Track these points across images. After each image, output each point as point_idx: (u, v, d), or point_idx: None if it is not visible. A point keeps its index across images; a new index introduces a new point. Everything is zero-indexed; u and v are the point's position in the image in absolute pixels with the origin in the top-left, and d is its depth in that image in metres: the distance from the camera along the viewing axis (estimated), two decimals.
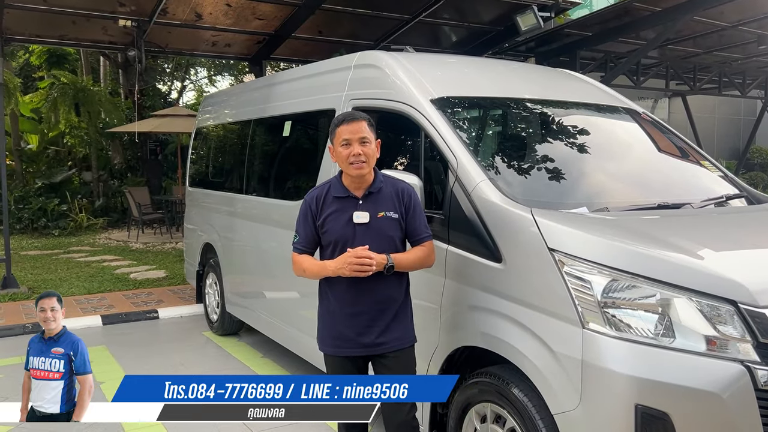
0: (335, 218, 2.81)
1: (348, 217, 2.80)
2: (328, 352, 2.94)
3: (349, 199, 2.83)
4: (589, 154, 3.68)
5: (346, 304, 2.83)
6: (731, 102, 20.45)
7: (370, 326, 2.81)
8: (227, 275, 6.05)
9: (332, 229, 2.81)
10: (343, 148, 2.78)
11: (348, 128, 2.78)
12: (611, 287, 2.52)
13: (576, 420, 2.50)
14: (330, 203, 2.84)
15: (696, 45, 11.64)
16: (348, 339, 2.85)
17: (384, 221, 2.80)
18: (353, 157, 2.75)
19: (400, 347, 2.87)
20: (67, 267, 9.64)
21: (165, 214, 13.35)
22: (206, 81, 24.08)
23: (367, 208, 2.81)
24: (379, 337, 2.82)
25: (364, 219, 2.79)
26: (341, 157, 2.80)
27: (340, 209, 2.82)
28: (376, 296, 2.80)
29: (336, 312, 2.86)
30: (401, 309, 2.89)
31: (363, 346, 2.84)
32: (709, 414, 2.34)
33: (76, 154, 16.16)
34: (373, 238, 2.76)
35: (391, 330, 2.84)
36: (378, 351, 2.85)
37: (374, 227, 2.79)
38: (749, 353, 2.39)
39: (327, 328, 2.93)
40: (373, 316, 2.80)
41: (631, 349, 2.43)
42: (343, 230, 2.80)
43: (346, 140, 2.77)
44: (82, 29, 9.23)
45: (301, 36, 9.90)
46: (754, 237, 3.04)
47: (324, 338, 2.95)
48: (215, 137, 6.95)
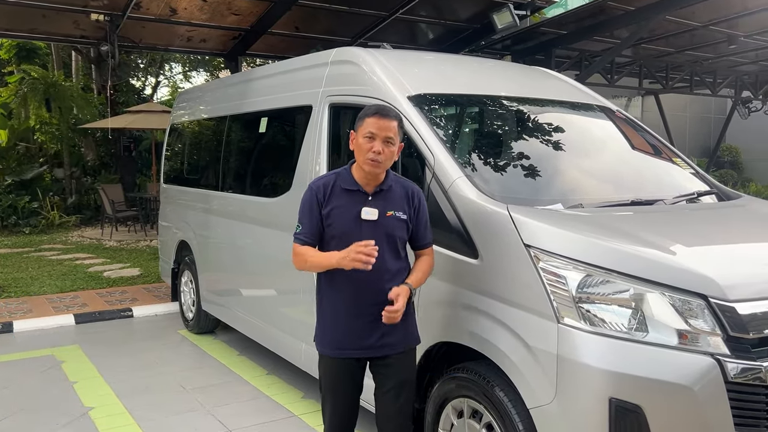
0: (342, 212, 2.69)
1: (356, 212, 2.67)
2: (327, 354, 2.80)
3: (358, 194, 2.70)
4: (565, 152, 3.72)
5: (349, 304, 2.71)
6: (703, 101, 20.82)
7: (372, 327, 2.70)
8: (203, 273, 5.99)
9: (338, 223, 2.69)
10: (365, 141, 2.64)
11: (377, 122, 2.64)
12: (586, 282, 2.55)
13: (551, 414, 2.53)
14: (338, 194, 2.70)
15: (668, 44, 11.83)
16: (349, 340, 2.73)
17: (392, 220, 2.70)
18: (373, 153, 2.61)
19: (402, 349, 2.78)
20: (39, 265, 9.47)
21: (139, 212, 13.19)
22: (181, 77, 23.83)
23: (376, 205, 2.69)
24: (382, 339, 2.72)
25: (372, 216, 2.67)
26: (361, 149, 2.65)
27: (348, 203, 2.69)
28: (379, 296, 2.67)
29: (338, 312, 2.75)
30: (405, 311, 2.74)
31: (365, 348, 2.73)
32: (680, 406, 2.39)
33: (47, 150, 15.86)
34: (379, 237, 2.64)
35: (395, 331, 2.73)
36: (380, 353, 2.74)
37: (381, 225, 2.68)
38: (719, 346, 2.43)
39: (327, 329, 2.80)
40: (376, 316, 2.66)
41: (605, 343, 2.46)
42: (349, 225, 2.68)
43: (371, 133, 2.63)
44: (53, 23, 9.06)
45: (278, 32, 9.84)
46: (724, 233, 3.10)
47: (323, 339, 2.82)
48: (190, 133, 6.87)
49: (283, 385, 4.87)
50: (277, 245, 4.52)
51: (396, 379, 2.77)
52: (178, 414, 4.36)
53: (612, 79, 12.46)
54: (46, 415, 4.34)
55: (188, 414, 4.36)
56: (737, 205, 3.66)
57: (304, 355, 4.26)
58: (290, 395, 4.68)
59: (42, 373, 5.17)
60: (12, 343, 6.04)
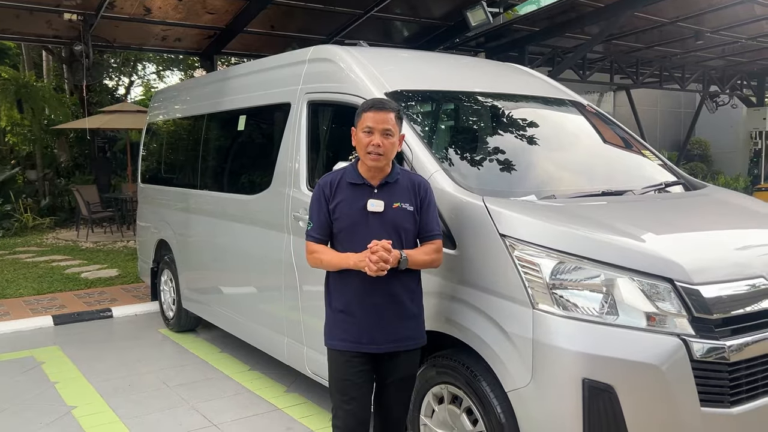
0: (348, 204, 2.70)
1: (362, 204, 2.69)
2: (336, 347, 2.77)
3: (364, 187, 2.71)
4: (538, 145, 3.84)
5: (359, 299, 2.70)
6: (673, 96, 21.24)
7: (383, 323, 2.70)
8: (183, 272, 6.01)
9: (344, 216, 2.70)
10: (365, 135, 2.67)
11: (374, 116, 2.67)
12: (558, 269, 2.66)
13: (528, 396, 2.64)
14: (344, 189, 2.72)
15: (638, 40, 12.08)
16: (359, 335, 2.71)
17: (399, 212, 2.70)
18: (372, 146, 2.65)
19: (414, 346, 2.80)
20: (14, 268, 9.36)
21: (115, 213, 13.08)
22: (155, 76, 23.62)
23: (382, 197, 2.70)
24: (392, 335, 2.72)
25: (378, 208, 2.68)
26: (361, 144, 2.69)
27: (354, 196, 2.71)
28: (390, 290, 2.68)
29: (348, 308, 2.73)
30: (415, 305, 2.79)
31: (375, 343, 2.72)
32: (649, 385, 2.51)
33: (19, 152, 15.64)
34: (386, 229, 2.66)
35: (405, 327, 2.75)
36: (391, 348, 2.73)
37: (388, 217, 2.69)
38: (685, 327, 2.56)
39: (337, 324, 2.77)
40: (387, 312, 2.69)
41: (578, 327, 2.57)
42: (355, 217, 2.69)
43: (369, 128, 2.66)
44: (25, 23, 8.98)
45: (253, 30, 9.87)
46: (689, 220, 3.24)
47: (333, 333, 2.79)
48: (167, 132, 6.87)
49: (265, 380, 4.93)
50: (257, 242, 4.58)
51: (401, 373, 2.80)
52: (161, 410, 4.39)
53: (584, 75, 12.69)
54: (29, 414, 4.34)
55: (172, 410, 4.40)
56: (702, 195, 3.81)
57: (287, 350, 4.32)
58: (273, 390, 4.73)
59: (22, 374, 5.16)
60: None
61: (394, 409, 2.88)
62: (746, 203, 3.77)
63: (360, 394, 2.75)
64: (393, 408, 2.88)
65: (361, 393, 2.76)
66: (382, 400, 2.86)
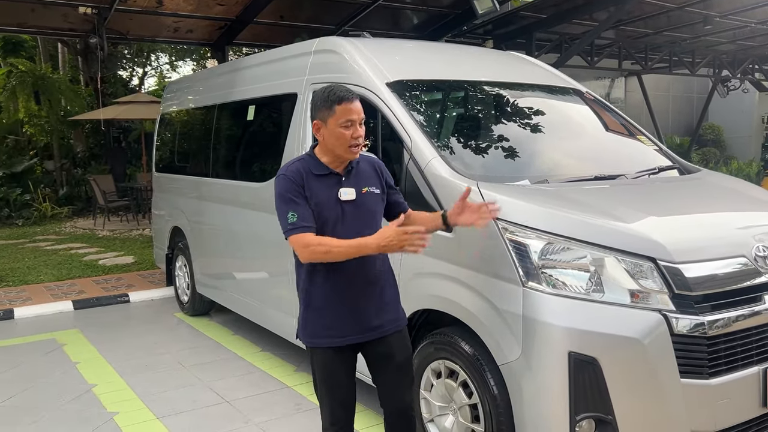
0: (321, 197, 2.57)
1: (333, 194, 2.59)
2: (321, 345, 2.65)
3: (331, 176, 2.62)
4: (535, 131, 3.97)
5: (343, 288, 2.61)
6: (685, 80, 21.09)
7: (369, 308, 2.65)
8: (197, 257, 6.22)
9: (320, 207, 2.57)
10: (345, 129, 2.54)
11: (351, 107, 2.55)
12: (547, 250, 2.81)
13: (518, 369, 2.80)
14: (311, 180, 2.59)
15: (646, 26, 12.05)
16: (348, 326, 2.62)
17: (369, 197, 2.66)
18: (356, 139, 2.56)
19: (397, 328, 2.73)
20: (34, 255, 9.66)
21: (131, 201, 13.36)
22: (168, 67, 23.86)
23: (350, 184, 2.63)
24: (376, 320, 2.65)
25: (350, 196, 2.61)
26: (341, 138, 2.55)
27: (324, 187, 2.59)
28: (371, 275, 2.63)
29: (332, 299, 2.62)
30: (392, 285, 2.75)
31: (365, 331, 2.64)
32: (631, 357, 2.66)
33: (37, 143, 15.96)
34: (361, 215, 2.62)
35: (387, 310, 2.69)
36: (375, 335, 2.66)
37: (360, 203, 2.63)
38: (667, 303, 2.71)
39: (318, 320, 2.64)
40: (371, 297, 2.64)
41: (565, 303, 2.73)
42: (330, 209, 2.58)
43: (349, 121, 2.55)
44: (41, 17, 9.18)
45: (263, 21, 9.99)
46: (677, 202, 3.37)
47: (315, 330, 2.65)
48: (180, 122, 7.07)
49: (276, 360, 5.14)
50: (265, 228, 4.76)
51: (395, 357, 2.72)
52: (177, 388, 4.61)
53: (592, 61, 12.69)
54: (54, 391, 4.59)
55: (187, 388, 4.62)
56: (695, 178, 3.94)
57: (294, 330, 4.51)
58: (283, 369, 4.94)
59: (45, 355, 5.41)
60: (14, 328, 6.26)
61: (401, 395, 2.78)
62: (737, 186, 3.89)
63: (345, 388, 2.69)
64: (398, 388, 2.77)
65: (346, 385, 2.70)
66: (386, 390, 2.77)
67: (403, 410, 2.78)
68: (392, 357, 2.72)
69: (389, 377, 2.75)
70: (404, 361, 2.76)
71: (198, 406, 4.30)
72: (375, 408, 3.61)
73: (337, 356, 2.65)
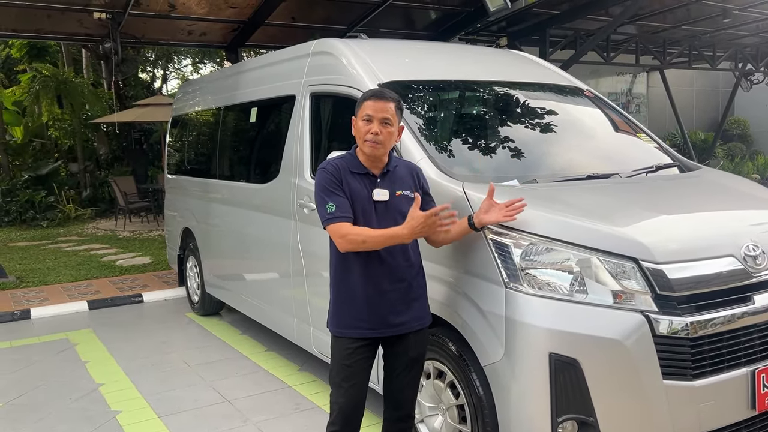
0: (356, 194, 2.72)
1: (367, 193, 2.73)
2: (344, 335, 2.77)
3: (367, 176, 2.75)
4: (529, 131, 3.95)
5: (372, 283, 2.72)
6: (709, 75, 20.68)
7: (396, 306, 2.75)
8: (205, 258, 6.32)
9: (354, 205, 2.70)
10: (364, 124, 2.71)
11: (373, 105, 2.71)
12: (530, 251, 2.80)
13: (501, 370, 2.79)
14: (348, 177, 2.73)
15: (664, 20, 11.87)
16: (373, 320, 2.73)
17: (402, 200, 2.76)
18: (371, 135, 2.68)
19: (420, 327, 2.84)
20: (55, 256, 9.89)
21: (151, 203, 13.57)
22: (190, 69, 24.16)
23: (384, 186, 2.75)
24: (402, 315, 2.76)
25: (383, 197, 2.73)
26: (360, 132, 2.73)
27: (360, 185, 2.73)
28: (399, 274, 2.75)
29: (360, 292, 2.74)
30: (420, 286, 2.85)
31: (388, 327, 2.76)
32: (612, 358, 2.63)
33: (61, 145, 16.31)
34: (392, 216, 2.72)
35: (414, 307, 2.80)
36: (398, 331, 2.77)
37: (392, 205, 2.74)
38: (649, 304, 2.68)
39: (347, 310, 2.77)
40: (398, 294, 2.75)
41: (546, 304, 2.71)
42: (364, 206, 2.71)
43: (368, 116, 2.70)
44: (57, 23, 9.37)
45: (275, 23, 10.06)
46: (669, 201, 3.30)
47: (344, 321, 2.78)
48: (190, 125, 7.17)
49: (280, 360, 5.19)
50: (268, 229, 4.82)
51: (411, 354, 2.83)
52: (181, 387, 4.69)
53: (608, 57, 12.53)
54: (62, 390, 4.70)
55: (190, 387, 4.69)
56: (693, 176, 3.87)
57: (296, 330, 4.57)
58: (286, 369, 4.99)
59: (57, 354, 5.54)
60: (29, 328, 6.43)
61: (407, 390, 2.91)
62: (736, 185, 3.82)
63: (361, 379, 2.79)
64: (406, 389, 2.90)
65: (362, 378, 2.79)
66: (394, 384, 2.89)
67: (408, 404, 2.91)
68: (408, 354, 2.83)
69: (401, 372, 2.85)
70: (419, 358, 2.88)
71: (199, 405, 4.37)
72: (374, 408, 3.63)
73: (360, 348, 2.76)
